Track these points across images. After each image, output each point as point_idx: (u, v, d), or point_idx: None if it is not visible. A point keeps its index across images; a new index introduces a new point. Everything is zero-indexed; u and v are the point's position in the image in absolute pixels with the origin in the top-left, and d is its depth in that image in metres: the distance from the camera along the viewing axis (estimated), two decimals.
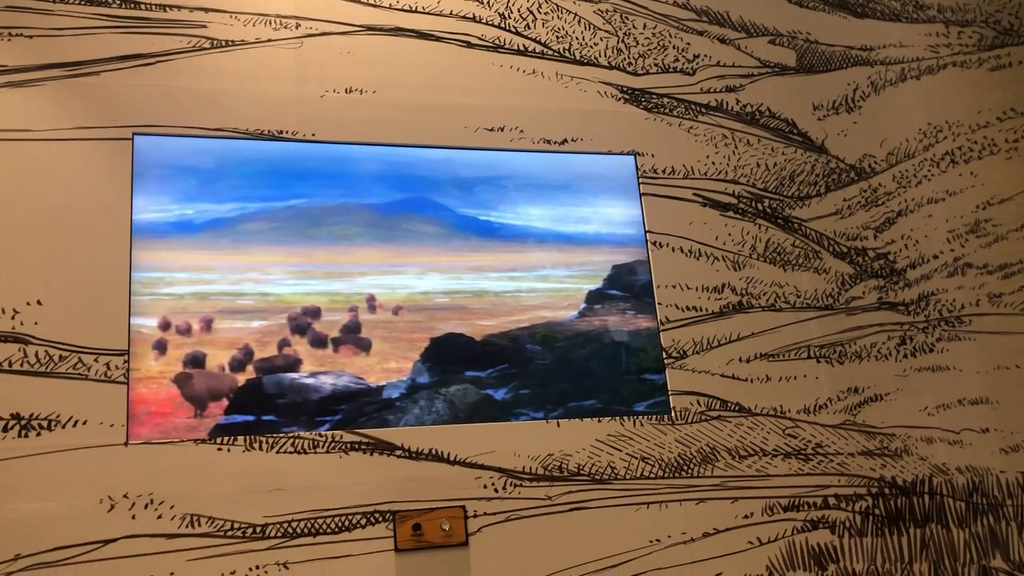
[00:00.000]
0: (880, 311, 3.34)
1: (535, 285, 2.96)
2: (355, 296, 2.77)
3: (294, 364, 2.64)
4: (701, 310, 3.11)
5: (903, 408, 3.23)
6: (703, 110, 3.36)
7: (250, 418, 2.54)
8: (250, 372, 2.59)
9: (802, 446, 3.05)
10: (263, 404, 2.57)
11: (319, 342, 2.68)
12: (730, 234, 3.24)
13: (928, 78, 3.76)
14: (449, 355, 2.80)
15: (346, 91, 2.93)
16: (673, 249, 3.15)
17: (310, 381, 2.63)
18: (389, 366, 2.72)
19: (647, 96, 3.29)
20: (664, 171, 3.22)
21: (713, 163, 3.30)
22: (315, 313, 2.71)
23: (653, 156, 3.23)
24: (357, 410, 2.64)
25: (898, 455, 3.16)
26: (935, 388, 3.29)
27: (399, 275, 2.84)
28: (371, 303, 2.77)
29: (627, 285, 3.06)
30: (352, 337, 2.72)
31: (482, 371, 2.81)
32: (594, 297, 3.02)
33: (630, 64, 3.31)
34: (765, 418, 3.04)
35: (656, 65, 3.35)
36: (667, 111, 3.31)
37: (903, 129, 3.63)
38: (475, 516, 2.63)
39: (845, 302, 3.30)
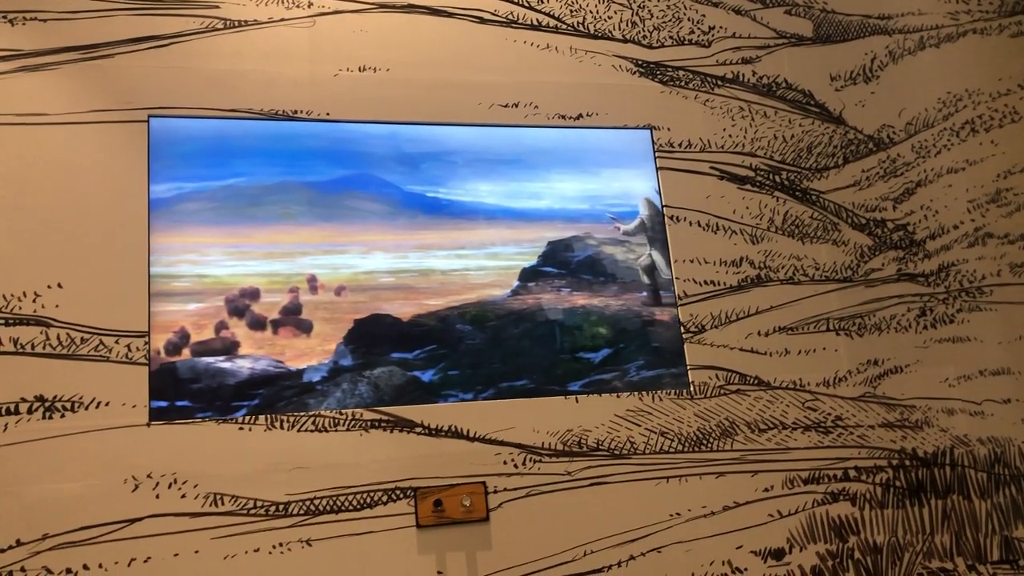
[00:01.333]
0: (900, 283, 3.32)
1: (484, 263, 2.89)
2: (296, 277, 2.70)
3: (231, 347, 2.58)
4: (719, 284, 3.10)
5: (924, 380, 3.21)
6: (719, 82, 3.33)
7: (163, 404, 2.48)
8: (186, 355, 2.54)
9: (822, 419, 3.04)
10: (177, 389, 2.50)
11: (258, 324, 2.62)
12: (748, 207, 3.22)
13: (947, 46, 3.71)
14: (374, 336, 2.71)
15: (359, 69, 2.93)
16: (690, 223, 3.13)
17: (227, 365, 2.56)
18: (330, 347, 2.67)
19: (662, 69, 3.27)
20: (680, 145, 3.20)
21: (730, 136, 3.28)
22: (254, 295, 2.64)
23: (669, 130, 3.20)
24: (275, 395, 2.57)
25: (919, 427, 3.14)
26: (956, 359, 3.27)
27: (342, 254, 2.77)
28: (312, 283, 2.71)
29: (562, 262, 2.98)
30: (292, 319, 2.66)
31: (409, 352, 2.72)
32: (528, 275, 2.93)
33: (645, 37, 3.29)
34: (784, 391, 3.04)
35: (671, 38, 3.32)
36: (683, 84, 3.28)
37: (922, 98, 3.59)
38: (495, 492, 2.64)
39: (864, 274, 3.28)
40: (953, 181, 3.51)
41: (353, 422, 2.58)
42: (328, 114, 2.84)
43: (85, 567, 2.28)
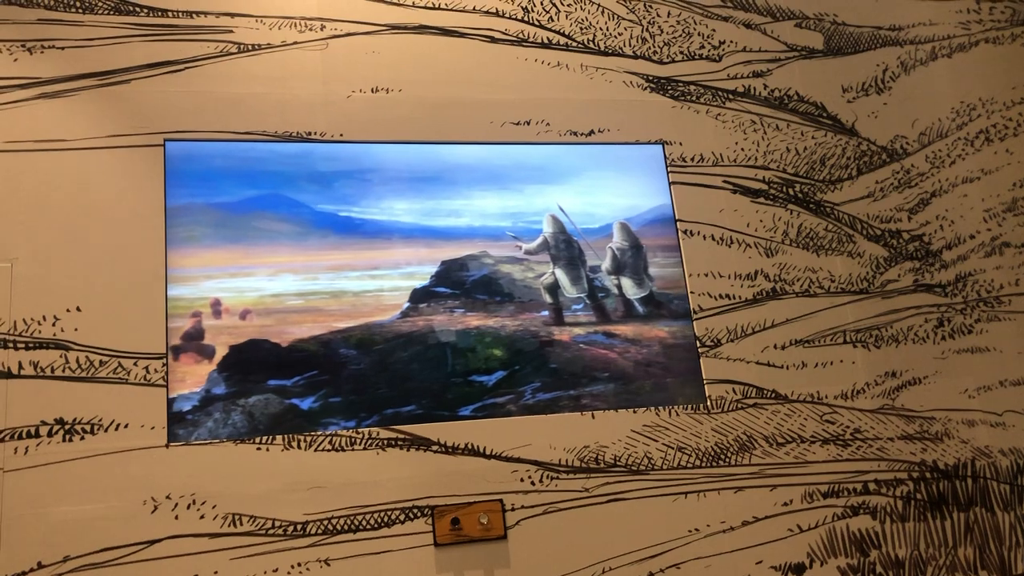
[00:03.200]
0: (916, 293, 3.30)
1: (399, 283, 2.80)
2: (199, 301, 2.62)
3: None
4: (734, 298, 3.09)
5: (943, 391, 3.18)
6: (730, 96, 3.34)
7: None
8: None
9: (840, 431, 3.02)
10: None
11: None
12: (761, 220, 3.21)
13: (960, 56, 3.70)
14: (250, 363, 2.61)
15: (372, 90, 2.95)
16: (704, 237, 3.13)
17: None
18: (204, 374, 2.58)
19: (673, 84, 3.28)
20: (693, 159, 3.20)
21: (742, 149, 3.28)
22: None
23: (681, 144, 3.21)
24: None
25: (939, 438, 3.12)
26: (975, 370, 3.25)
27: (248, 277, 2.69)
28: (216, 308, 2.64)
29: (457, 282, 2.87)
30: (194, 344, 2.59)
31: (287, 379, 2.62)
32: (419, 296, 2.81)
33: (655, 53, 3.30)
34: (802, 404, 3.02)
35: (681, 53, 3.33)
36: (694, 99, 3.29)
37: (935, 108, 3.58)
38: (513, 509, 2.64)
39: (880, 285, 3.27)
40: (968, 191, 3.49)
41: (370, 441, 2.59)
42: (342, 135, 2.87)
43: None
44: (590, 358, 2.89)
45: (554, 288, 2.95)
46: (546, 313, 2.91)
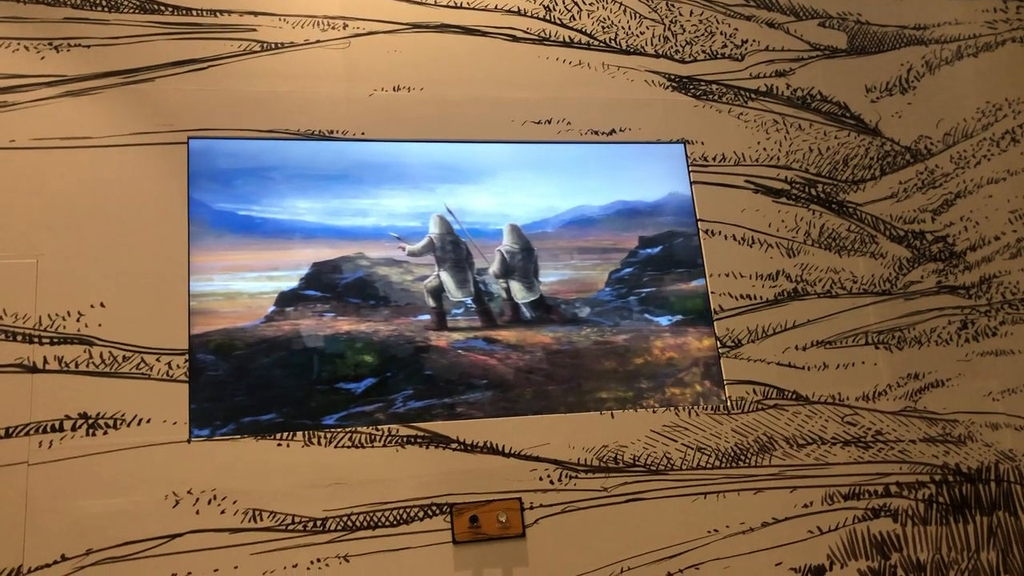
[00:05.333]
0: (940, 295, 3.27)
1: (264, 286, 2.70)
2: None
3: None
4: (755, 298, 3.08)
5: (966, 393, 3.16)
6: (753, 96, 3.32)
7: None
8: None
9: (862, 434, 3.00)
10: None
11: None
12: (783, 220, 3.20)
13: (986, 55, 3.67)
14: None
15: (394, 89, 2.96)
16: (725, 237, 3.12)
17: None
18: None
19: (695, 83, 3.27)
20: (715, 158, 3.19)
21: (764, 149, 3.27)
22: None
23: (703, 144, 3.20)
24: None
25: (962, 441, 3.09)
26: (999, 372, 3.22)
27: None
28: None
29: (328, 285, 2.75)
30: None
31: None
32: (287, 299, 2.70)
33: (677, 52, 3.29)
34: (823, 406, 3.00)
35: (704, 52, 3.32)
36: (716, 98, 3.27)
37: (960, 108, 3.55)
38: (531, 508, 2.64)
39: (903, 287, 3.24)
40: (994, 192, 3.46)
41: (389, 438, 2.60)
42: (363, 133, 2.88)
43: None
44: (468, 364, 2.78)
45: (438, 291, 2.84)
46: (427, 317, 2.80)
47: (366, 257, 2.81)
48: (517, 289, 2.91)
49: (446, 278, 2.86)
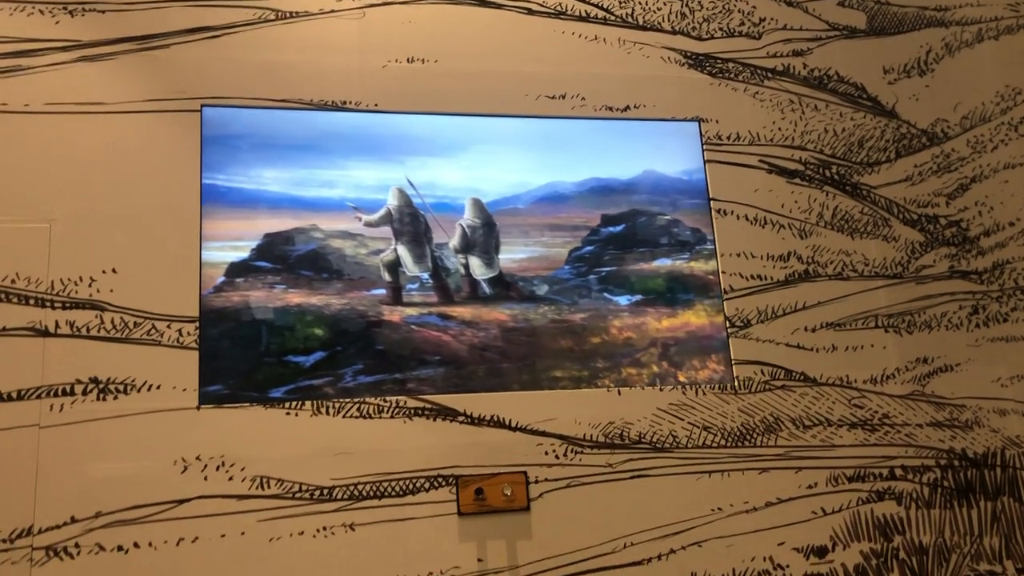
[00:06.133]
0: (951, 280, 3.25)
1: (215, 256, 2.65)
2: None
3: None
4: (766, 279, 3.07)
5: (975, 379, 3.15)
6: (769, 75, 3.29)
7: None
8: None
9: (869, 416, 3.00)
10: None
11: None
12: (796, 201, 3.18)
13: (1007, 38, 3.62)
14: None
15: (408, 60, 2.95)
16: (737, 217, 3.10)
17: None
18: None
19: (711, 61, 3.24)
20: (729, 137, 3.17)
21: (779, 129, 3.24)
22: None
23: (718, 122, 3.18)
24: None
25: (969, 427, 3.09)
26: (1009, 359, 3.20)
27: None
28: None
29: (280, 256, 2.70)
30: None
31: None
32: (237, 270, 2.65)
33: (694, 29, 3.26)
34: (831, 388, 3.00)
35: (721, 29, 3.29)
36: (732, 76, 3.25)
37: (979, 92, 3.51)
38: (536, 482, 2.65)
39: (915, 271, 3.23)
40: (1010, 177, 3.43)
41: (397, 409, 2.61)
42: (376, 105, 2.87)
43: (136, 545, 2.34)
44: (420, 340, 2.74)
45: (394, 265, 2.79)
46: (382, 292, 2.76)
47: (320, 229, 2.77)
48: (476, 265, 2.87)
49: (403, 252, 2.81)
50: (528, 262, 2.93)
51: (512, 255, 2.92)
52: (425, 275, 2.82)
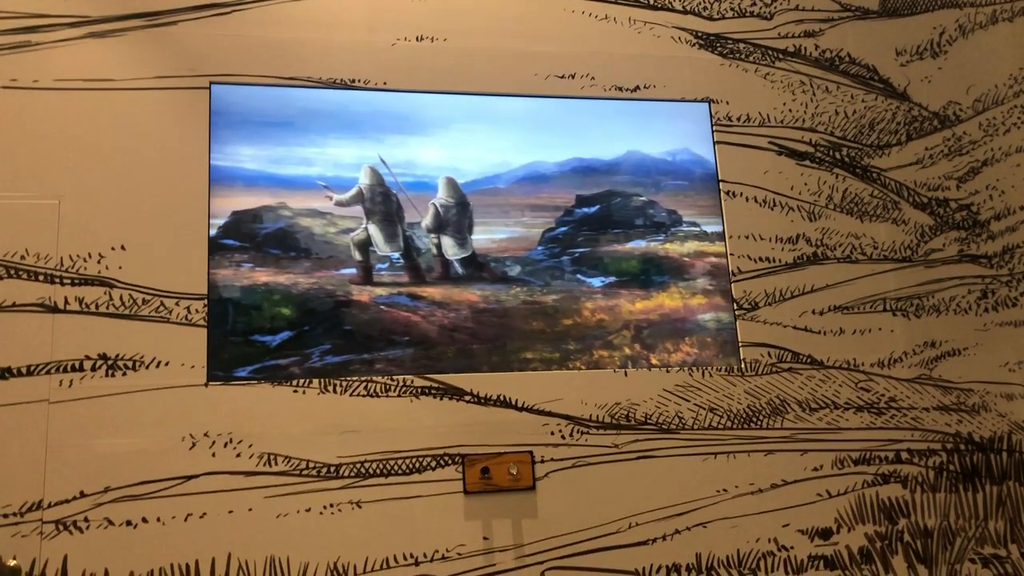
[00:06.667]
0: (961, 264, 3.24)
1: (216, 234, 2.65)
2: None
3: None
4: (774, 261, 3.06)
5: (982, 363, 3.14)
6: (780, 56, 3.27)
7: None
8: None
9: (875, 400, 3.00)
10: None
11: None
12: (806, 184, 3.17)
13: (1022, 20, 3.58)
14: None
15: (417, 39, 2.93)
16: (747, 199, 3.09)
17: None
18: None
19: (722, 41, 3.22)
20: (739, 119, 3.16)
21: (790, 110, 3.22)
22: None
23: (728, 103, 3.16)
24: None
25: (975, 411, 3.08)
26: (1017, 343, 3.19)
27: None
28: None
29: (248, 234, 2.66)
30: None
31: None
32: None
33: (705, 8, 3.24)
34: (837, 371, 3.00)
35: (732, 9, 3.27)
36: (743, 57, 3.23)
37: (992, 75, 3.48)
38: (542, 461, 2.66)
39: (924, 254, 3.22)
40: (1022, 161, 3.40)
41: (404, 388, 2.62)
42: (385, 83, 2.86)
43: (144, 520, 2.36)
44: (390, 320, 2.71)
45: (365, 245, 2.76)
46: (352, 271, 2.72)
47: (288, 207, 2.73)
48: (448, 245, 2.84)
49: (374, 231, 2.78)
50: (508, 242, 2.90)
51: (492, 235, 2.90)
52: (396, 255, 2.79)
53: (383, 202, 2.81)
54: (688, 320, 2.95)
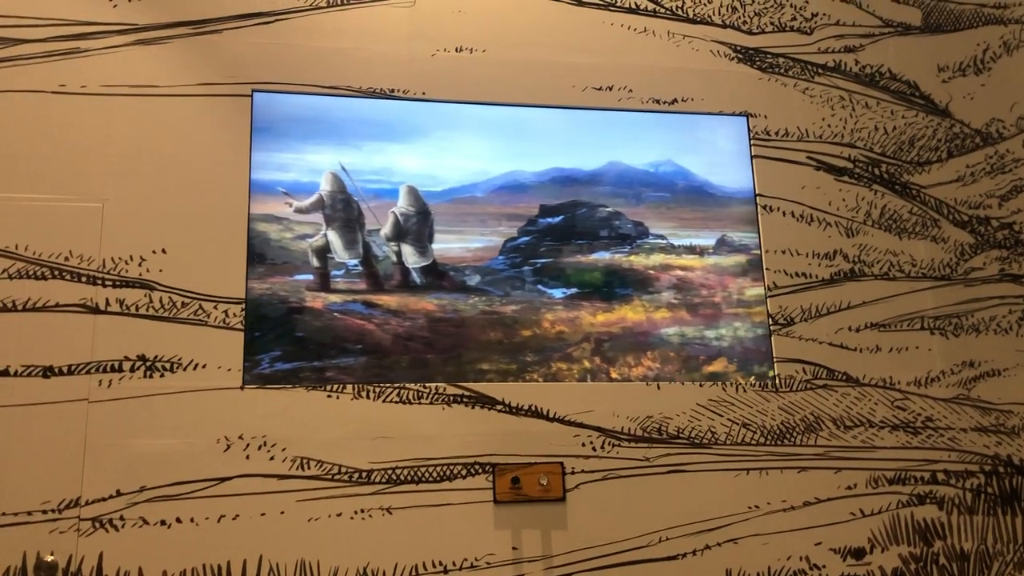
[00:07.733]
0: (1002, 283, 3.19)
1: None
2: None
3: None
4: (811, 277, 3.04)
5: (1023, 384, 3.09)
6: (820, 71, 3.25)
7: None
8: None
9: (911, 419, 2.96)
10: None
11: None
12: (844, 199, 3.14)
13: None
14: None
15: (456, 50, 2.96)
16: (784, 214, 3.07)
17: None
18: None
19: (761, 56, 3.21)
20: (777, 133, 3.14)
21: (829, 126, 3.20)
22: None
23: (766, 117, 3.15)
24: None
25: (1015, 433, 3.03)
26: None
27: None
28: None
29: None
30: None
31: None
32: None
33: (744, 23, 3.23)
34: (873, 389, 2.97)
35: (772, 24, 3.26)
36: (782, 71, 3.21)
37: None
38: (573, 473, 2.66)
39: (964, 273, 3.17)
40: None
41: (436, 396, 2.63)
42: (424, 93, 2.89)
43: (178, 520, 2.39)
44: (343, 328, 2.69)
45: (323, 251, 2.74)
46: (308, 277, 2.70)
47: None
48: (409, 253, 2.81)
49: (333, 238, 2.76)
50: (483, 252, 2.87)
51: (470, 243, 2.87)
52: (354, 262, 2.77)
53: (344, 209, 2.80)
54: (651, 334, 2.91)
